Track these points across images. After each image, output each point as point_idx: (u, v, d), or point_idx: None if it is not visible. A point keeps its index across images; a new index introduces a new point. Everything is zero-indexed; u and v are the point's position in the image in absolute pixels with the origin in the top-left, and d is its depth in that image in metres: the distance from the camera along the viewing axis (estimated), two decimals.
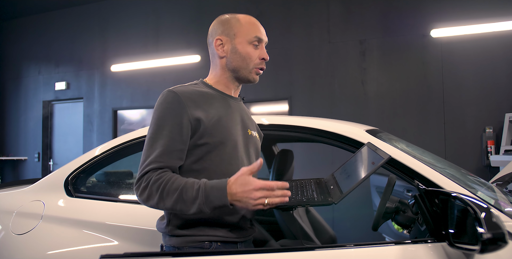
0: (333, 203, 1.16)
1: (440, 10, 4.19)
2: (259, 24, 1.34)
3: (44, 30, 6.52)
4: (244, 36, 1.29)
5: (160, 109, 1.20)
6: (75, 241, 1.69)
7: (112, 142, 1.96)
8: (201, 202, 1.07)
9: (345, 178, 1.26)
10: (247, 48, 1.29)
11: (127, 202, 1.82)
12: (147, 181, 1.12)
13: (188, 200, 1.08)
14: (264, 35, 1.34)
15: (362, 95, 4.49)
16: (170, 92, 1.22)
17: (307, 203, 1.19)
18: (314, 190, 1.31)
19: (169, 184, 1.10)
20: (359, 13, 4.57)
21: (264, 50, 1.33)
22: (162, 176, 1.12)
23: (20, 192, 2.00)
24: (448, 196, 1.09)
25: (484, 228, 0.89)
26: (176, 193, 1.09)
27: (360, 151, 1.37)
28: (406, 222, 1.63)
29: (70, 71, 6.29)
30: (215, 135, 1.21)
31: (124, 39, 5.88)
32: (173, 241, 1.21)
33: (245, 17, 1.33)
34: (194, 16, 5.44)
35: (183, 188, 1.09)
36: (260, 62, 1.32)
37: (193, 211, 1.09)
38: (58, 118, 6.55)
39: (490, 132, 3.91)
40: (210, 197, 1.07)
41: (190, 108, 1.20)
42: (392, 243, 1.16)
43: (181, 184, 1.10)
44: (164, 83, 5.55)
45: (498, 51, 3.98)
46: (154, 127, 1.19)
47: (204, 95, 1.27)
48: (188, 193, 1.09)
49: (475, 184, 1.64)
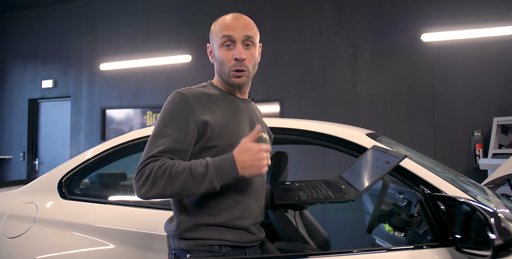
0: (351, 200, 1.17)
1: (431, 14, 4.25)
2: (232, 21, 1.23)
3: (31, 27, 6.37)
4: (216, 39, 1.26)
5: (167, 109, 1.19)
6: (70, 245, 1.64)
7: (106, 144, 1.92)
8: (212, 176, 1.07)
9: (357, 178, 1.26)
10: (220, 51, 1.24)
11: (123, 205, 1.78)
12: (149, 169, 1.09)
13: (197, 178, 1.07)
14: (238, 30, 1.21)
15: (353, 98, 4.52)
16: (178, 94, 1.20)
17: (325, 200, 1.20)
18: (327, 189, 1.32)
19: (175, 167, 1.09)
20: (351, 16, 4.60)
21: (238, 49, 1.21)
22: (166, 162, 1.10)
23: (11, 193, 1.94)
24: (454, 201, 1.10)
25: (496, 234, 0.90)
26: (184, 173, 1.07)
27: (366, 153, 1.37)
28: (401, 224, 1.64)
29: (58, 69, 6.17)
30: (223, 138, 1.19)
31: (114, 37, 5.79)
32: (183, 244, 1.19)
33: (223, 18, 1.26)
34: (185, 16, 5.39)
35: (191, 167, 1.09)
36: (234, 63, 1.22)
37: (204, 189, 1.08)
38: (45, 116, 6.41)
39: (478, 136, 3.98)
40: (220, 169, 1.08)
41: (198, 110, 1.18)
42: (398, 249, 1.16)
43: (187, 165, 1.09)
44: (154, 83, 5.50)
45: (488, 56, 4.05)
46: (159, 126, 1.17)
47: (212, 97, 1.25)
48: (197, 170, 1.08)
49: (472, 188, 1.66)
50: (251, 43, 1.25)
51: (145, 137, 1.85)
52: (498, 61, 4.02)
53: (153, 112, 5.56)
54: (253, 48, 1.26)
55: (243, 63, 1.23)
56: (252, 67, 1.26)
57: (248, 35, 1.23)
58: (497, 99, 4.01)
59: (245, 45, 1.24)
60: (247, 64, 1.24)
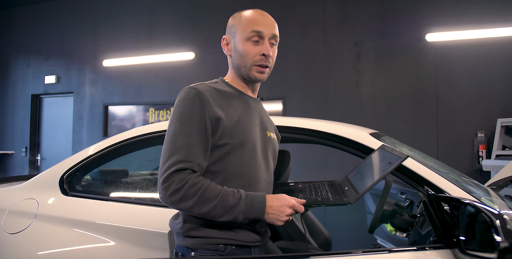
0: (349, 203, 1.16)
1: (435, 14, 4.22)
2: (261, 18, 1.25)
3: (35, 22, 6.37)
4: (242, 33, 1.25)
5: (182, 105, 1.17)
6: (71, 241, 1.64)
7: (109, 140, 1.91)
8: (240, 211, 1.09)
9: (360, 179, 1.25)
10: (245, 45, 1.24)
11: (124, 202, 1.78)
12: (181, 183, 1.09)
13: (226, 208, 1.10)
14: (267, 28, 1.24)
15: (356, 97, 4.50)
16: (192, 89, 1.19)
17: (322, 203, 1.18)
18: (328, 191, 1.30)
19: (208, 190, 1.10)
20: (355, 15, 4.58)
21: (265, 45, 1.23)
22: (200, 181, 1.11)
23: (12, 189, 1.94)
24: (459, 203, 1.08)
25: (501, 236, 0.89)
26: (215, 200, 1.09)
27: (374, 153, 1.36)
28: (404, 225, 1.63)
29: (61, 65, 6.17)
30: (234, 136, 1.18)
31: (117, 34, 5.78)
32: (188, 242, 1.18)
33: (248, 13, 1.28)
34: (188, 13, 5.37)
35: (223, 195, 1.10)
36: (260, 58, 1.23)
37: (226, 219, 1.10)
38: (47, 112, 6.42)
39: (482, 137, 3.96)
40: (249, 207, 1.10)
41: (212, 106, 1.17)
42: (400, 250, 1.15)
43: (220, 191, 1.11)
44: (157, 80, 5.49)
45: (492, 57, 4.02)
46: (176, 124, 1.15)
47: (224, 94, 1.24)
48: (228, 201, 1.10)
49: (475, 189, 1.64)
50: (275, 42, 1.28)
51: (148, 134, 1.84)
52: (503, 62, 3.99)
53: (155, 109, 5.56)
54: (275, 47, 1.29)
55: (269, 60, 1.25)
56: (272, 66, 1.29)
57: (276, 34, 1.26)
58: (501, 100, 3.99)
59: (271, 43, 1.26)
60: (271, 61, 1.26)
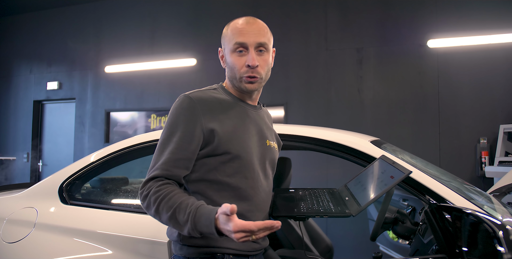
0: (351, 216, 1.13)
1: (437, 20, 4.22)
2: (246, 27, 1.19)
3: (37, 29, 6.41)
4: (228, 45, 1.22)
5: (175, 114, 1.18)
6: (69, 251, 1.62)
7: (108, 148, 1.91)
8: (190, 228, 1.04)
9: (361, 190, 1.23)
10: (232, 57, 1.20)
11: (124, 211, 1.76)
12: (148, 190, 1.11)
13: (180, 222, 1.06)
14: (251, 36, 1.17)
15: (358, 103, 4.49)
16: (187, 98, 1.18)
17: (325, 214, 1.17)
18: (329, 201, 1.28)
19: (165, 200, 1.08)
20: (356, 21, 4.58)
21: (250, 56, 1.17)
22: (162, 189, 1.09)
23: (11, 198, 1.93)
24: (461, 213, 1.07)
25: (504, 248, 0.87)
26: (170, 211, 1.07)
27: (374, 163, 1.34)
28: (406, 232, 1.61)
29: (63, 71, 6.19)
30: (230, 147, 1.17)
31: (119, 40, 5.81)
32: (185, 251, 1.17)
33: (235, 23, 1.22)
34: (190, 20, 5.39)
35: (176, 208, 1.06)
36: (246, 70, 1.18)
37: (185, 232, 1.06)
38: (49, 118, 6.43)
39: (484, 143, 3.93)
40: (198, 224, 1.02)
41: (205, 117, 1.16)
42: None
43: (176, 203, 1.07)
44: (159, 86, 5.50)
45: (494, 63, 4.01)
46: (166, 133, 1.17)
47: (221, 103, 1.22)
48: (180, 215, 1.06)
49: (477, 197, 1.62)
50: (265, 49, 1.20)
51: (150, 141, 1.84)
52: (505, 68, 3.98)
53: (157, 115, 5.56)
54: (266, 54, 1.21)
55: (256, 70, 1.18)
56: (265, 74, 1.22)
57: (261, 42, 1.19)
58: (503, 107, 3.97)
59: (258, 51, 1.20)
60: (260, 70, 1.19)
